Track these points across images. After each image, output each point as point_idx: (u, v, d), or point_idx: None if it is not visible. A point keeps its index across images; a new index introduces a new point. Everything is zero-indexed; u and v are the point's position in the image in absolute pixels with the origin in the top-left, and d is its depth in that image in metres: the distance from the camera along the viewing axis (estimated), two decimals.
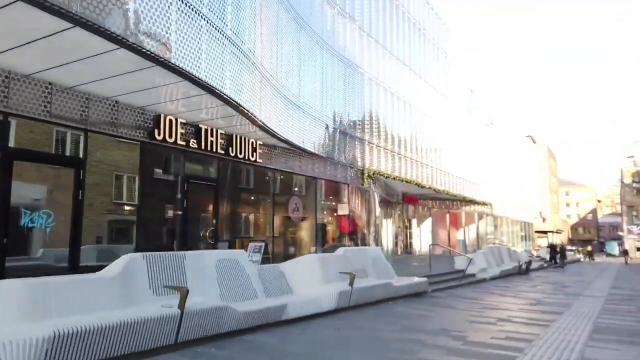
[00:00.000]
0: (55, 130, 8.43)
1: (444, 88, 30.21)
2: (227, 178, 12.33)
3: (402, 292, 10.11)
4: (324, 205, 17.84)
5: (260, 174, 13.70)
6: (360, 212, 21.24)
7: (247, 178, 13.30)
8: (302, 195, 15.60)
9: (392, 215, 24.72)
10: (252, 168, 13.29)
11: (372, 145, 20.08)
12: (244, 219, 13.25)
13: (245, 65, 10.85)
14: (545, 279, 19.06)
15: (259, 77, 11.91)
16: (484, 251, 19.57)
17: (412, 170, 24.41)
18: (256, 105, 11.52)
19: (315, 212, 15.79)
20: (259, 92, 11.73)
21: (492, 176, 39.06)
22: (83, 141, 8.79)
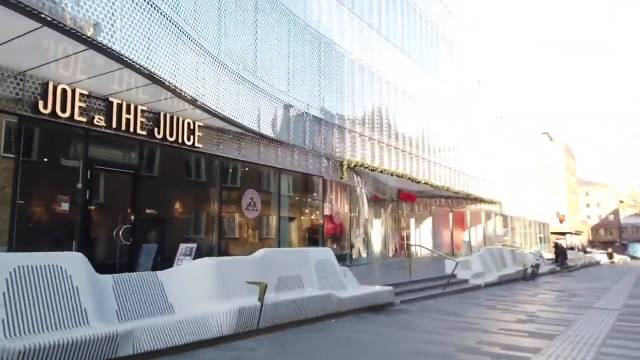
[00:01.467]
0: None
1: (445, 76, 27.81)
2: (153, 166, 10.31)
3: (351, 305, 7.93)
4: (297, 202, 15.71)
5: (204, 162, 11.63)
6: (345, 211, 19.06)
7: (185, 166, 11.23)
8: (261, 188, 13.49)
9: (384, 214, 22.47)
10: (192, 155, 11.24)
11: (354, 134, 17.87)
12: (179, 216, 11.16)
13: (166, 27, 8.84)
14: (552, 285, 16.62)
15: (192, 45, 9.89)
16: (481, 253, 17.20)
17: (406, 164, 22.11)
18: (186, 78, 9.49)
19: (278, 208, 13.66)
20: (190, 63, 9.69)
21: (502, 173, 36.42)
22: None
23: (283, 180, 14.22)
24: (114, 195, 9.66)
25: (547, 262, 25.08)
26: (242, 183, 12.68)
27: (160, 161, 10.46)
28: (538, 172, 48.02)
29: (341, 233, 18.39)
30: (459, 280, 14.51)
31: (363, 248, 20.29)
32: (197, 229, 11.49)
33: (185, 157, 11.18)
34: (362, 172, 18.46)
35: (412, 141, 22.98)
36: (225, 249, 11.87)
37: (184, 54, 9.53)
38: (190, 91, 9.63)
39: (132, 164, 9.70)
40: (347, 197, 18.54)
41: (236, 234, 12.63)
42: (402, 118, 22.10)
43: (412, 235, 26.31)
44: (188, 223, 11.29)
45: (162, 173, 10.62)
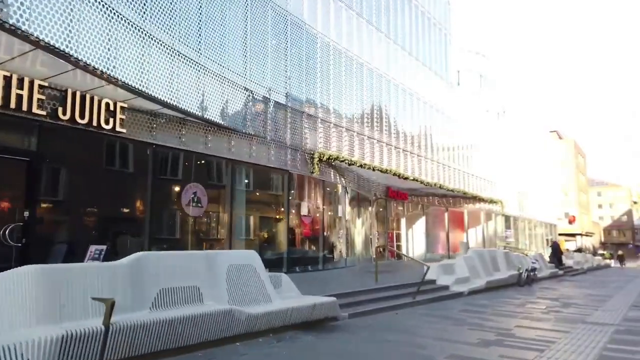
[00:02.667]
0: None
1: (440, 67, 26.06)
2: (58, 152, 8.78)
3: (271, 323, 6.31)
4: (260, 199, 14.14)
5: (132, 150, 10.09)
6: (323, 209, 17.45)
7: (104, 154, 9.67)
8: (210, 182, 11.92)
9: (370, 214, 20.80)
10: (116, 141, 9.70)
11: (328, 124, 16.25)
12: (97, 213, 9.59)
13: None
14: (548, 292, 14.83)
15: (103, 8, 8.37)
16: (468, 256, 15.48)
17: (392, 159, 20.43)
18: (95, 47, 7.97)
19: (231, 205, 12.05)
20: (99, 29, 8.16)
21: (505, 172, 34.51)
22: None
23: (239, 173, 12.64)
24: (2, 187, 8.16)
25: (548, 265, 23.20)
26: (184, 175, 11.11)
27: (70, 147, 8.91)
28: (545, 170, 45.91)
29: (318, 234, 16.81)
30: (439, 287, 12.83)
31: (345, 250, 18.68)
32: (120, 228, 9.94)
33: (108, 144, 9.63)
34: (340, 166, 16.83)
35: (399, 135, 21.29)
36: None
37: (90, 17, 8.00)
38: (100, 64, 8.10)
39: (27, 150, 8.18)
40: (326, 195, 16.94)
41: (176, 234, 11.07)
42: (388, 110, 20.43)
43: (403, 236, 24.61)
44: (107, 221, 9.72)
45: (73, 161, 9.07)
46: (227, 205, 12.05)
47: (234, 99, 12.11)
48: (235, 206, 12.36)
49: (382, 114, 19.94)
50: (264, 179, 13.83)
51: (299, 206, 14.68)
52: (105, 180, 9.74)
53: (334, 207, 17.59)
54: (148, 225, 10.00)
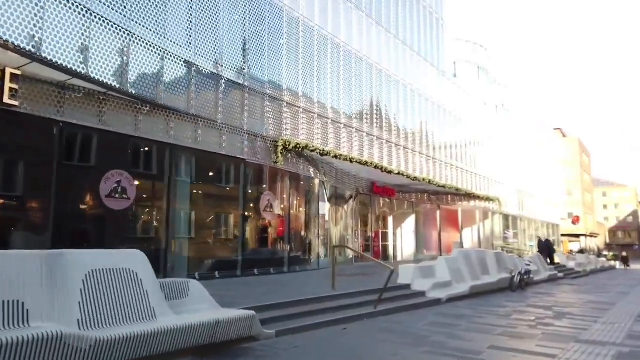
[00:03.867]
0: None
1: (432, 55, 24.29)
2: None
3: (139, 350, 4.60)
4: (213, 193, 12.45)
5: (32, 128, 8.40)
6: (293, 206, 15.77)
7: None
8: (140, 171, 10.22)
9: (352, 211, 19.07)
10: (9, 118, 8.01)
11: (296, 109, 14.54)
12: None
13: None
14: (543, 298, 13.04)
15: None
16: (451, 257, 13.73)
17: (374, 151, 18.69)
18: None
19: (168, 199, 10.33)
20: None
21: (504, 168, 32.69)
22: None
23: (181, 161, 10.94)
24: None
25: (548, 267, 21.38)
26: (104, 161, 9.41)
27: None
28: (548, 169, 43.98)
29: (284, 233, 15.14)
30: (413, 293, 11.08)
31: (322, 251, 17.00)
32: (14, 224, 8.25)
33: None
34: (312, 157, 15.13)
35: (383, 124, 19.54)
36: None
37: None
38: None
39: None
40: (299, 190, 15.28)
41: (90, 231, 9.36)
42: (370, 97, 18.69)
43: (390, 235, 22.85)
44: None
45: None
46: (164, 198, 10.34)
47: (173, 74, 10.42)
48: (176, 199, 10.66)
49: (363, 101, 18.20)
50: (215, 169, 12.12)
51: (260, 201, 12.94)
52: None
53: (309, 204, 15.89)
54: (52, 221, 8.30)
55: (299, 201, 16.16)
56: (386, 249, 22.81)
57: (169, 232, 10.14)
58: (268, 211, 13.02)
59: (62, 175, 8.52)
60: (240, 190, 12.22)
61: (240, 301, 7.48)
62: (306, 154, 14.67)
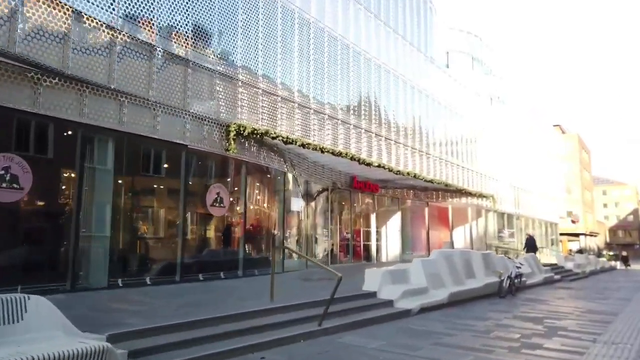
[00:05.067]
0: None
1: (419, 40, 22.54)
2: None
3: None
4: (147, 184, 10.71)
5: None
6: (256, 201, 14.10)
7: None
8: (39, 156, 8.45)
9: (328, 209, 17.33)
10: None
11: (255, 89, 12.78)
12: None
13: None
14: (534, 306, 11.30)
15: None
16: (430, 259, 12.03)
17: (350, 141, 16.95)
18: None
19: (78, 190, 8.55)
20: None
21: (500, 164, 30.95)
22: None
23: (100, 146, 9.18)
24: None
25: (543, 269, 19.64)
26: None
27: None
28: (547, 166, 42.25)
29: (239, 232, 13.47)
30: (378, 303, 9.37)
31: (297, 251, 15.31)
32: None
33: None
34: (277, 146, 13.39)
35: (362, 112, 17.80)
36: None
37: None
38: None
39: None
40: (263, 183, 13.60)
41: None
42: (347, 80, 16.94)
43: (373, 234, 21.10)
44: None
45: None
46: (72, 189, 8.58)
47: (88, 38, 8.67)
48: (92, 191, 8.91)
49: (338, 85, 16.46)
50: (148, 156, 10.36)
51: (207, 195, 11.18)
52: None
53: (278, 199, 14.17)
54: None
55: (264, 196, 14.44)
56: (369, 249, 21.07)
57: (79, 229, 8.38)
58: (217, 206, 11.26)
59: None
60: (182, 182, 10.45)
61: (130, 320, 5.77)
62: (267, 141, 12.92)
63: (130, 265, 9.51)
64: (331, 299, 6.92)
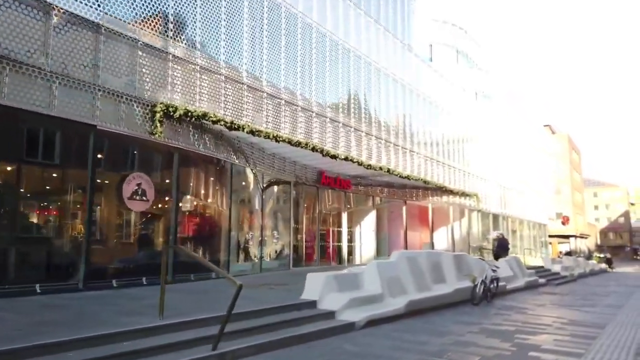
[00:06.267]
0: None
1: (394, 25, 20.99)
2: None
3: None
4: (38, 173, 9.00)
5: None
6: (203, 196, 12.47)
7: None
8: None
9: (290, 206, 15.67)
10: None
11: (192, 67, 11.10)
12: None
13: None
14: (511, 316, 9.68)
15: None
16: (389, 262, 10.40)
17: (312, 130, 15.32)
18: None
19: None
20: None
21: (485, 162, 29.47)
22: None
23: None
24: None
25: (527, 272, 18.09)
26: None
27: None
28: (536, 166, 40.88)
29: (210, 234, 11.89)
30: (317, 315, 7.71)
31: (257, 253, 13.71)
32: None
33: None
34: (219, 132, 11.73)
35: (326, 99, 16.16)
36: None
37: None
38: None
39: None
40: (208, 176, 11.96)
41: None
42: (308, 63, 15.31)
43: (344, 235, 19.47)
44: None
45: None
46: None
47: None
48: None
49: (298, 67, 14.82)
50: (41, 138, 8.63)
51: (124, 186, 9.48)
52: None
53: (223, 194, 12.52)
54: None
55: (207, 190, 12.77)
56: (340, 250, 19.44)
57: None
58: (138, 200, 9.56)
59: None
60: (89, 170, 8.74)
61: None
62: (207, 126, 11.25)
63: (9, 271, 7.78)
64: (228, 314, 5.25)
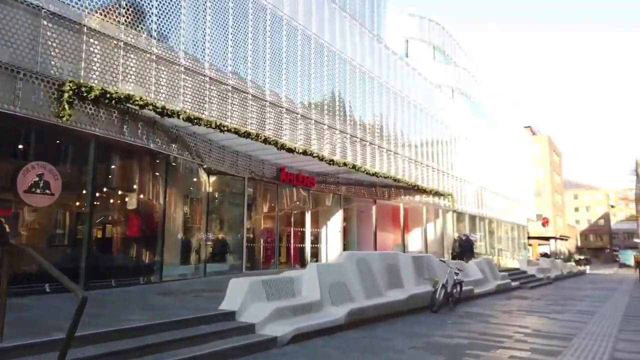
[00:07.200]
0: None
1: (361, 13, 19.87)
2: None
3: None
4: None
5: None
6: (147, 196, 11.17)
7: None
8: None
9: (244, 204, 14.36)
10: None
11: (114, 42, 9.76)
12: None
13: None
14: (468, 325, 8.53)
15: None
16: (333, 264, 9.25)
17: (265, 120, 14.07)
18: None
19: None
20: None
21: (461, 161, 28.50)
22: None
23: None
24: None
25: (499, 275, 17.06)
26: None
27: None
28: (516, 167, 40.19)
29: (138, 232, 10.56)
30: (234, 329, 6.44)
31: (202, 256, 12.41)
32: None
33: None
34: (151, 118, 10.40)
35: (283, 88, 14.93)
36: None
37: None
38: None
39: None
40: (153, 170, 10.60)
41: None
42: (263, 45, 14.07)
43: (308, 236, 18.21)
44: None
45: None
46: None
47: None
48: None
49: (249, 48, 13.55)
50: None
51: (19, 176, 8.11)
52: None
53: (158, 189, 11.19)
54: None
55: (140, 185, 11.44)
56: (303, 252, 18.18)
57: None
58: (38, 193, 8.19)
59: None
60: None
61: None
62: (134, 111, 9.92)
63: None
64: (69, 335, 3.95)
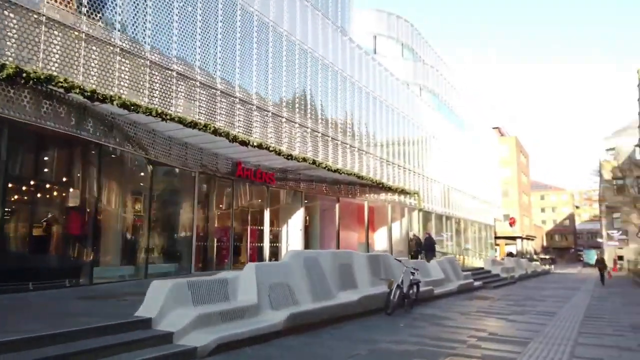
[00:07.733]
0: None
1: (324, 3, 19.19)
2: None
3: None
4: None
5: None
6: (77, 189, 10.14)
7: None
8: None
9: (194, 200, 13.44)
10: None
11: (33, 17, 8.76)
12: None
13: None
14: (423, 329, 7.92)
15: None
16: (276, 264, 8.64)
17: (215, 110, 13.20)
18: None
19: None
20: None
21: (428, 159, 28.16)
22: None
23: None
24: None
25: (462, 275, 16.65)
26: None
27: None
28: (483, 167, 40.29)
29: (66, 228, 9.55)
30: (149, 337, 5.60)
31: (143, 255, 11.45)
32: None
33: None
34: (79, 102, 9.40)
35: (236, 79, 14.09)
36: None
37: None
38: None
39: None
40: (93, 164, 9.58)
41: None
42: (215, 32, 13.19)
43: (266, 234, 17.37)
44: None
45: None
46: None
47: None
48: None
49: (197, 31, 12.66)
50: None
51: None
52: None
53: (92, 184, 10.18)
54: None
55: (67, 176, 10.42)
56: (261, 251, 17.33)
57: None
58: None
59: None
60: None
61: None
62: (56, 93, 8.91)
63: None
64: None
